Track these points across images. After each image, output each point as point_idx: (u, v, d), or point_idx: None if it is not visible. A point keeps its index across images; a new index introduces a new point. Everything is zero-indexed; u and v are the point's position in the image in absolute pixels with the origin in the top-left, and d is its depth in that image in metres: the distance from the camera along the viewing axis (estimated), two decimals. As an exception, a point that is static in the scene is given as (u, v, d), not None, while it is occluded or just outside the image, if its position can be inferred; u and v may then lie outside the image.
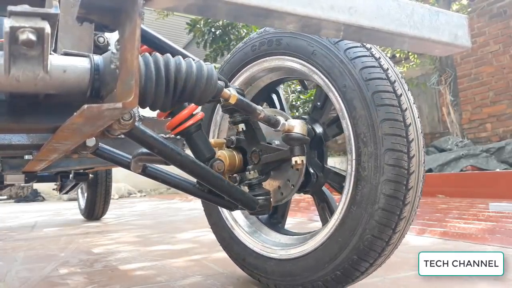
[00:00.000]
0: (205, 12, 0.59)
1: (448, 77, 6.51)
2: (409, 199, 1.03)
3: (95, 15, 0.59)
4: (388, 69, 1.08)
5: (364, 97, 1.05)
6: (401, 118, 1.03)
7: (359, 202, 1.05)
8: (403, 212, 1.03)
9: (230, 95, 1.00)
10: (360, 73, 1.06)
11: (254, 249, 1.34)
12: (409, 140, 1.03)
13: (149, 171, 1.12)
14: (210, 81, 0.85)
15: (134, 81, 0.52)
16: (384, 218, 1.02)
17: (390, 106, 1.03)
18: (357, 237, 1.05)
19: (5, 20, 0.56)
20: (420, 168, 1.06)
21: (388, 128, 1.02)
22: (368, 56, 1.08)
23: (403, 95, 1.06)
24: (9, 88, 0.62)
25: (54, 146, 0.88)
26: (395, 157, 1.01)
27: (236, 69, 1.40)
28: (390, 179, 1.01)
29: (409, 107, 1.07)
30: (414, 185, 1.04)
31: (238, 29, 6.63)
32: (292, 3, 0.59)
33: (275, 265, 1.26)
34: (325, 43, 1.12)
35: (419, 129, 1.07)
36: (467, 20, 0.79)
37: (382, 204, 1.02)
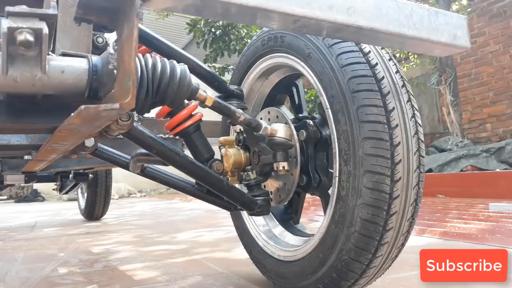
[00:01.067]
0: (203, 12, 0.59)
1: (448, 77, 6.50)
2: (392, 224, 0.95)
3: (93, 16, 0.59)
4: (384, 78, 0.97)
5: (348, 111, 0.96)
6: (388, 137, 0.93)
7: (337, 222, 1.00)
8: (385, 237, 0.96)
9: (206, 97, 0.97)
10: (348, 83, 0.96)
11: (259, 243, 1.35)
12: (394, 162, 0.93)
13: (148, 171, 1.12)
14: (183, 82, 0.81)
15: (132, 82, 0.52)
16: (361, 242, 0.96)
17: (376, 122, 0.93)
18: (334, 256, 1.01)
19: (3, 21, 0.56)
20: (408, 192, 0.96)
21: (370, 148, 0.93)
22: (361, 63, 0.98)
23: (396, 109, 0.95)
24: (7, 88, 0.62)
25: (52, 146, 0.88)
26: (375, 180, 0.92)
27: (250, 62, 1.37)
28: (367, 203, 0.93)
29: (402, 123, 0.96)
30: (398, 210, 0.95)
31: (238, 29, 6.62)
32: (290, 3, 0.59)
33: (273, 264, 1.27)
34: (320, 45, 1.04)
35: (412, 149, 0.96)
36: (466, 20, 0.79)
37: (358, 228, 0.95)
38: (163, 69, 0.79)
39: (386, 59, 1.01)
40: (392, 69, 1.00)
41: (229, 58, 6.94)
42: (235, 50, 6.63)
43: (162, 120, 1.13)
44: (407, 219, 0.98)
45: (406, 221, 0.99)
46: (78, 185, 3.43)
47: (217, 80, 1.24)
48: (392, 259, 1.05)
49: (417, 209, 1.01)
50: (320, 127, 1.18)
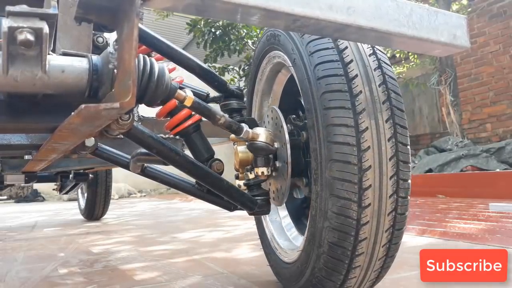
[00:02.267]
0: (203, 12, 0.60)
1: (448, 77, 6.50)
2: (362, 250, 0.91)
3: (93, 15, 0.59)
4: (361, 93, 0.88)
5: (318, 129, 0.90)
6: (356, 160, 0.86)
7: (309, 239, 0.98)
8: (355, 261, 0.92)
9: (186, 97, 0.95)
10: (321, 99, 0.89)
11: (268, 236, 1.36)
12: (363, 187, 0.87)
13: (148, 171, 1.12)
14: (161, 81, 0.79)
15: (132, 81, 0.52)
16: (330, 264, 0.93)
17: (344, 144, 0.86)
18: (309, 272, 1.00)
19: (3, 20, 0.56)
20: (381, 218, 0.90)
21: (336, 171, 0.87)
22: (337, 76, 0.89)
23: (369, 130, 0.87)
24: (8, 88, 0.62)
25: (53, 146, 0.88)
26: (340, 205, 0.88)
27: (260, 56, 1.35)
28: (333, 227, 0.89)
29: (376, 145, 0.87)
30: (369, 236, 0.90)
31: (238, 29, 6.62)
32: (290, 3, 0.59)
33: (276, 260, 1.28)
34: (302, 52, 0.97)
35: (386, 173, 0.88)
36: (466, 20, 0.79)
37: (326, 250, 0.92)
38: (144, 67, 0.77)
39: (372, 69, 0.93)
40: (376, 81, 0.92)
41: (229, 58, 6.94)
42: (235, 50, 6.63)
43: (162, 120, 1.14)
44: (382, 245, 0.94)
45: (381, 247, 0.94)
46: (78, 185, 3.43)
47: (217, 80, 1.24)
48: (372, 281, 1.03)
49: (398, 234, 0.95)
50: None
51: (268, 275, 1.40)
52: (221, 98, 1.25)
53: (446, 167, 5.30)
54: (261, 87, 1.41)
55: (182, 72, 1.19)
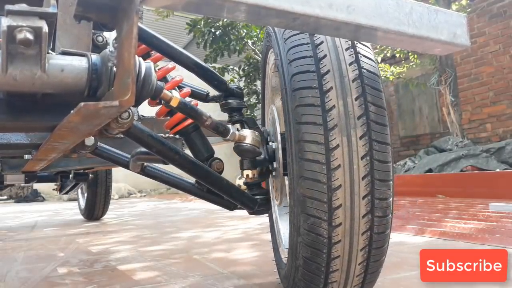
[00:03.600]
0: (203, 10, 0.59)
1: (448, 77, 6.50)
2: (336, 267, 0.90)
3: (92, 14, 0.59)
4: (334, 108, 0.84)
5: (290, 144, 0.88)
6: (325, 179, 0.83)
7: (290, 251, 0.98)
8: (331, 277, 0.92)
9: (171, 97, 0.94)
10: (294, 112, 0.86)
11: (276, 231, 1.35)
12: (332, 207, 0.84)
13: (148, 170, 1.12)
14: (147, 80, 0.77)
15: (131, 79, 0.52)
16: (307, 276, 0.93)
17: (314, 162, 0.83)
18: (291, 280, 1.00)
19: (3, 19, 0.56)
20: (354, 237, 0.88)
21: (306, 189, 0.85)
22: (312, 88, 0.85)
23: (340, 147, 0.84)
24: (7, 87, 0.62)
25: (52, 145, 0.88)
26: (310, 222, 0.86)
27: (265, 54, 1.33)
28: (306, 243, 0.88)
29: (347, 163, 0.84)
30: (342, 254, 0.89)
31: (238, 29, 6.63)
32: (289, 1, 0.59)
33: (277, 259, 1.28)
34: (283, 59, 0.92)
35: (358, 192, 0.85)
36: (466, 19, 0.79)
37: (302, 263, 0.92)
38: None
39: (350, 80, 0.87)
40: (352, 93, 0.86)
41: (229, 58, 6.94)
42: (235, 50, 6.63)
43: (162, 119, 1.13)
44: (358, 263, 0.92)
45: (358, 265, 0.92)
46: (78, 185, 3.43)
47: (217, 79, 1.24)
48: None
49: (377, 252, 0.93)
50: None
51: (268, 275, 1.40)
52: (220, 97, 1.25)
53: (446, 167, 5.30)
54: (271, 82, 1.39)
55: (182, 71, 1.19)
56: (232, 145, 1.26)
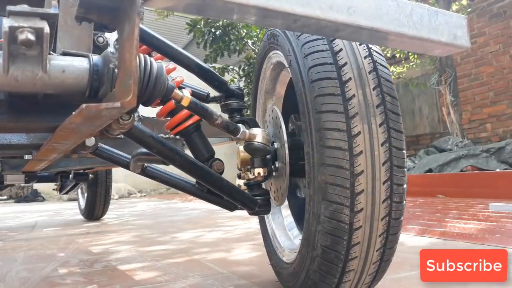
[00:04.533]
0: (204, 11, 0.60)
1: (448, 77, 6.50)
2: (355, 254, 0.91)
3: (94, 15, 0.59)
4: (354, 97, 0.87)
5: (311, 133, 0.89)
6: (348, 165, 0.85)
7: (304, 242, 0.98)
8: (349, 265, 0.92)
9: (182, 96, 0.94)
10: (314, 102, 0.88)
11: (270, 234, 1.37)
12: (355, 192, 0.86)
13: (149, 171, 1.12)
14: (159, 80, 0.78)
15: (133, 81, 0.52)
16: (324, 267, 0.93)
17: (336, 148, 0.85)
18: (304, 274, 1.00)
19: (4, 20, 0.56)
20: (374, 223, 0.89)
21: (328, 176, 0.86)
22: (331, 79, 0.88)
23: (362, 134, 0.86)
24: (8, 87, 0.62)
25: (53, 145, 0.88)
26: (332, 209, 0.87)
27: (263, 55, 1.34)
28: (326, 231, 0.89)
29: (368, 149, 0.87)
30: (362, 241, 0.90)
31: (238, 29, 6.62)
32: (290, 2, 0.59)
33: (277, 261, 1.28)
34: (298, 54, 0.95)
35: (379, 178, 0.87)
36: (466, 20, 0.79)
37: (319, 253, 0.92)
38: (144, 65, 0.77)
39: (366, 72, 0.91)
40: (370, 84, 0.90)
41: (229, 58, 6.94)
42: (235, 50, 6.63)
43: (163, 119, 1.14)
44: (376, 250, 0.94)
45: (375, 252, 0.94)
46: (78, 185, 3.43)
47: (217, 79, 1.24)
48: (367, 284, 1.02)
49: (393, 239, 0.95)
50: None
51: (268, 275, 1.40)
52: (221, 98, 1.25)
53: (446, 167, 5.30)
54: (265, 86, 1.41)
55: (182, 71, 1.19)
56: (232, 145, 1.26)
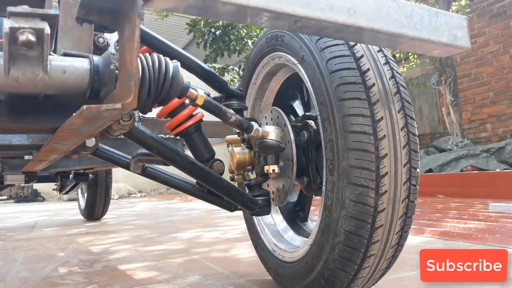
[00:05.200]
0: (205, 12, 0.60)
1: (448, 77, 6.50)
2: (377, 237, 0.93)
3: (94, 16, 0.59)
4: (374, 86, 0.92)
5: (334, 120, 0.93)
6: (373, 148, 0.89)
7: (323, 231, 0.99)
8: (370, 250, 0.94)
9: (197, 95, 0.96)
10: (336, 91, 0.92)
11: (264, 240, 1.36)
12: (380, 175, 0.90)
13: (149, 171, 1.12)
14: (175, 80, 0.80)
15: (134, 82, 0.52)
16: (346, 253, 0.94)
17: (361, 133, 0.89)
18: (321, 264, 1.00)
19: (5, 21, 0.56)
20: (396, 205, 0.93)
21: (354, 160, 0.90)
22: (351, 69, 0.93)
23: (384, 119, 0.91)
24: (9, 88, 0.62)
25: (53, 146, 0.88)
26: (358, 192, 0.90)
27: (258, 58, 1.36)
28: (351, 215, 0.91)
29: (391, 134, 0.91)
30: (385, 223, 0.93)
31: (238, 29, 6.62)
32: (290, 3, 0.59)
33: (275, 262, 1.28)
34: (312, 48, 1.00)
35: (400, 161, 0.92)
36: (467, 21, 0.79)
37: (342, 239, 0.94)
38: (160, 66, 0.78)
39: (381, 64, 0.97)
40: (386, 74, 0.96)
41: (229, 58, 6.94)
42: (235, 50, 6.63)
43: (163, 120, 1.14)
44: (396, 233, 0.96)
45: (395, 235, 0.96)
46: (78, 185, 3.44)
47: (218, 80, 1.24)
48: (382, 270, 1.04)
49: (409, 222, 0.98)
50: None
51: (268, 275, 1.41)
52: (221, 98, 1.25)
53: (446, 167, 5.30)
54: (255, 91, 1.43)
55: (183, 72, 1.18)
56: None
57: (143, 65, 0.74)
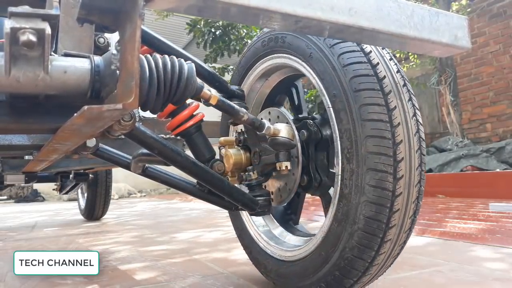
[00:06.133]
0: (205, 12, 0.60)
1: (448, 77, 6.51)
2: (394, 222, 0.96)
3: (95, 16, 0.59)
4: (385, 78, 0.98)
5: (350, 110, 0.97)
6: (390, 135, 0.94)
7: (340, 220, 1.00)
8: (387, 234, 0.97)
9: (210, 95, 0.98)
10: (350, 83, 0.97)
11: (260, 244, 1.35)
12: (397, 160, 0.94)
13: (149, 171, 1.12)
14: (190, 80, 0.82)
15: (135, 82, 0.52)
16: (364, 240, 0.96)
17: (378, 121, 0.94)
18: (337, 254, 1.01)
19: (6, 21, 0.56)
20: (410, 189, 0.97)
21: (372, 146, 0.94)
22: (362, 63, 0.99)
23: (397, 108, 0.97)
24: (10, 89, 0.62)
25: (54, 146, 0.88)
26: (378, 177, 0.93)
27: (251, 63, 1.38)
28: (370, 201, 0.94)
29: (404, 122, 0.97)
30: (401, 207, 0.96)
31: (238, 29, 6.63)
32: (292, 4, 0.59)
33: (274, 264, 1.27)
34: (321, 46, 1.06)
35: (414, 147, 0.98)
36: (467, 21, 0.79)
37: (361, 225, 0.96)
38: (172, 67, 0.80)
39: (387, 59, 1.02)
40: (393, 68, 1.01)
41: (229, 58, 6.94)
42: (235, 50, 6.63)
43: (164, 120, 1.14)
44: (409, 217, 0.99)
45: (408, 219, 0.99)
46: (78, 185, 3.44)
47: (218, 80, 1.24)
48: (394, 257, 1.06)
49: (419, 207, 1.01)
50: (320, 127, 1.18)
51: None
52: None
53: (446, 167, 5.30)
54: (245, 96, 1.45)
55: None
56: (232, 146, 1.26)
57: (151, 66, 0.75)
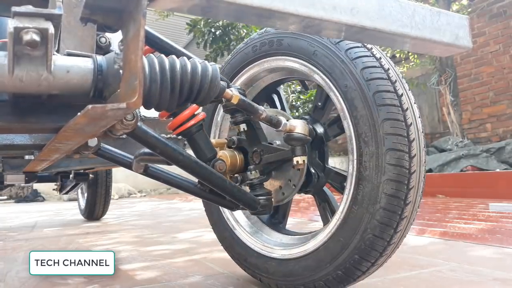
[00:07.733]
0: (208, 12, 0.60)
1: (448, 77, 6.51)
2: (410, 198, 1.03)
3: (99, 16, 0.59)
4: (389, 69, 1.09)
5: (365, 97, 1.05)
6: (402, 117, 1.04)
7: (361, 202, 1.05)
8: (405, 211, 1.03)
9: (232, 95, 1.01)
10: (361, 73, 1.06)
11: (255, 249, 1.35)
12: (410, 140, 1.03)
13: (151, 171, 1.12)
14: (214, 82, 0.85)
15: (138, 82, 0.52)
16: (386, 218, 1.02)
17: (391, 106, 1.04)
18: (358, 237, 1.05)
19: (9, 21, 0.56)
20: (421, 168, 1.06)
21: (390, 128, 1.02)
22: (369, 56, 1.08)
23: (404, 95, 1.07)
24: (13, 88, 0.62)
25: (56, 146, 0.88)
26: (396, 156, 1.01)
27: (237, 70, 1.41)
28: (391, 179, 1.01)
29: (410, 106, 1.07)
30: (415, 184, 1.04)
31: (238, 30, 6.63)
32: (294, 3, 0.59)
33: (276, 265, 1.26)
34: (326, 43, 1.13)
35: (420, 129, 1.08)
36: (468, 20, 0.79)
37: (383, 204, 1.02)
38: (194, 70, 0.82)
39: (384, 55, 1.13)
40: (391, 63, 1.13)
41: (229, 58, 6.94)
42: (235, 50, 6.63)
43: (165, 120, 1.14)
44: (420, 193, 1.07)
45: (419, 194, 1.07)
46: (79, 185, 3.43)
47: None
48: (405, 236, 1.11)
49: (424, 183, 1.10)
50: (313, 125, 1.23)
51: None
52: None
53: (446, 167, 5.31)
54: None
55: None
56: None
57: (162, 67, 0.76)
